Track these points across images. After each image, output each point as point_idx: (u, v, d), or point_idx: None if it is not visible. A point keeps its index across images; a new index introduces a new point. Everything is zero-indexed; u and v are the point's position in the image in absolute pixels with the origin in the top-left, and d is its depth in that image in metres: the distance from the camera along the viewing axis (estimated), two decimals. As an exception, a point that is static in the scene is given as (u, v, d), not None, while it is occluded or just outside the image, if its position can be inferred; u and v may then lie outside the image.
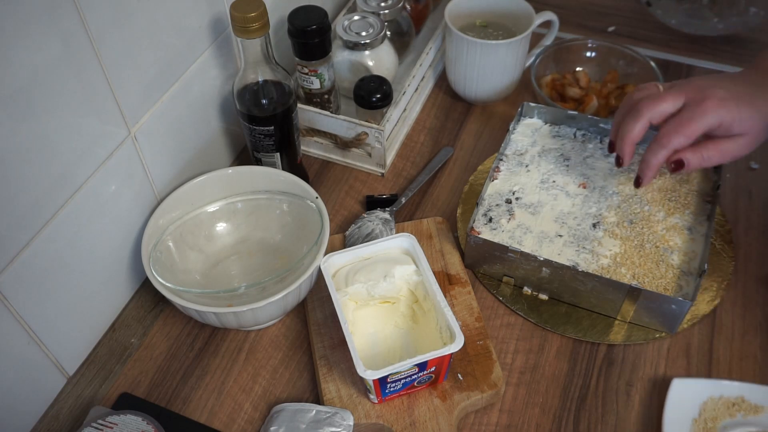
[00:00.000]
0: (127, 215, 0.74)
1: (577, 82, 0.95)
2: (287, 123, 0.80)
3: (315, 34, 0.82)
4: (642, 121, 0.70)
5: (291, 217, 0.80)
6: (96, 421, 0.63)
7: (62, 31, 0.59)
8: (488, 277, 0.79)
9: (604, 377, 0.72)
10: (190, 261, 0.78)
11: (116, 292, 0.77)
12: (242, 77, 0.77)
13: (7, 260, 0.61)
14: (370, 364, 0.63)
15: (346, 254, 0.72)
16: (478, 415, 0.70)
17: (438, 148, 0.93)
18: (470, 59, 0.92)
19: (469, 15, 0.97)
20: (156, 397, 0.71)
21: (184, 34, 0.75)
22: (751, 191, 0.87)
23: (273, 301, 0.67)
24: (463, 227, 0.83)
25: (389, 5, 0.95)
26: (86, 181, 0.67)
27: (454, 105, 0.99)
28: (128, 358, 0.74)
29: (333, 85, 0.90)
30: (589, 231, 0.77)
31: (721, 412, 0.67)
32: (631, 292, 0.70)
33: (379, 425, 0.67)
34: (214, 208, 0.80)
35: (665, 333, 0.74)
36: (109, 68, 0.65)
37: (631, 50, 0.95)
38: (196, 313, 0.69)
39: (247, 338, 0.76)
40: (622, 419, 0.69)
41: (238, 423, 0.69)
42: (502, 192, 0.81)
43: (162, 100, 0.75)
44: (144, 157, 0.74)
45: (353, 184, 0.90)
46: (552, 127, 0.88)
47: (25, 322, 0.64)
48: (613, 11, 1.12)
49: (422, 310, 0.71)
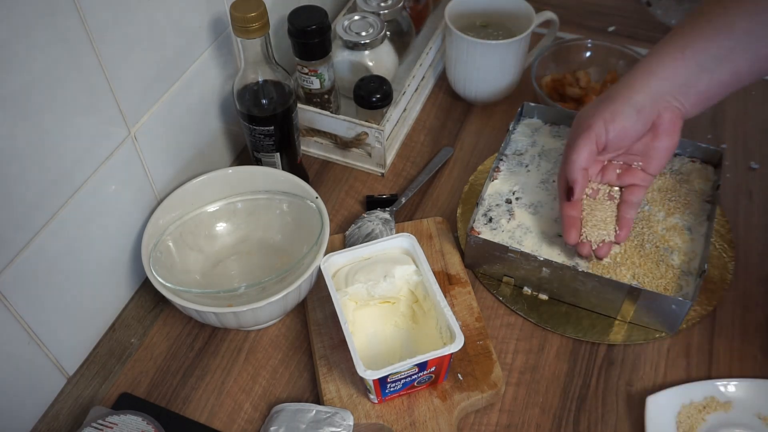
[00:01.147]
0: (127, 215, 0.74)
1: (577, 82, 0.95)
2: (287, 123, 0.80)
3: (315, 34, 0.82)
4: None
5: (291, 217, 0.80)
6: (96, 421, 0.63)
7: (62, 31, 0.59)
8: (488, 277, 0.79)
9: (604, 377, 0.72)
10: (190, 261, 0.78)
11: (116, 292, 0.77)
12: (242, 77, 0.77)
13: (7, 260, 0.61)
14: (370, 364, 0.63)
15: (346, 254, 0.72)
16: (478, 415, 0.70)
17: (438, 148, 0.93)
18: (470, 59, 0.92)
19: (469, 15, 0.97)
20: (156, 397, 0.71)
21: (184, 34, 0.75)
22: (751, 191, 0.86)
23: (273, 301, 0.67)
24: (463, 227, 0.83)
25: (389, 5, 0.95)
26: (86, 181, 0.67)
27: (454, 105, 0.99)
28: (128, 358, 0.74)
29: (333, 85, 0.90)
30: (589, 231, 0.77)
31: (695, 420, 0.67)
32: (631, 292, 0.70)
33: (379, 425, 0.67)
34: (214, 208, 0.80)
35: (665, 333, 0.74)
36: (109, 68, 0.65)
37: (631, 50, 0.95)
38: (196, 313, 0.69)
39: (247, 338, 0.76)
40: (622, 419, 0.69)
41: (238, 423, 0.69)
42: (502, 192, 0.81)
43: (162, 100, 0.75)
44: (144, 157, 0.74)
45: (353, 184, 0.90)
46: (552, 127, 0.88)
47: (25, 322, 0.64)
48: (613, 11, 1.12)
49: (422, 310, 0.71)
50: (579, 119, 0.71)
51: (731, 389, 0.68)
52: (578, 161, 0.70)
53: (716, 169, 0.82)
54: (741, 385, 0.68)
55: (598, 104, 0.70)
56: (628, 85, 0.69)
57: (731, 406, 0.67)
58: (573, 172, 0.70)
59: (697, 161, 0.83)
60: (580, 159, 0.70)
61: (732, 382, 0.68)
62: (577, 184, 0.71)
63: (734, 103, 0.96)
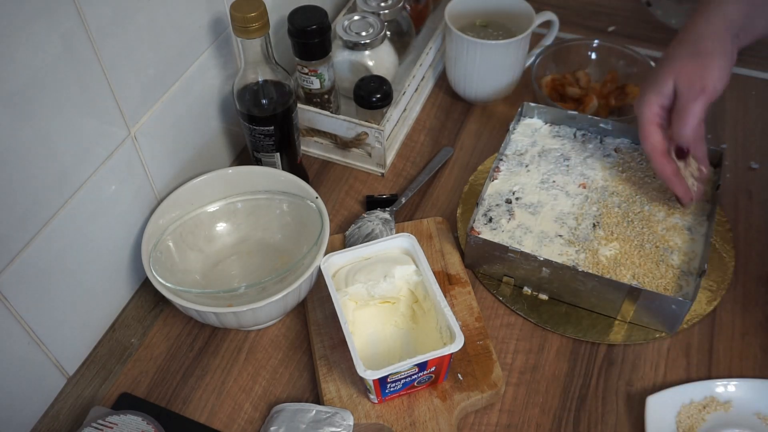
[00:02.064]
0: (127, 215, 0.74)
1: (577, 82, 0.95)
2: (287, 123, 0.80)
3: (315, 34, 0.82)
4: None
5: (291, 217, 0.80)
6: (96, 421, 0.63)
7: (62, 31, 0.59)
8: (488, 277, 0.79)
9: (604, 377, 0.72)
10: (190, 261, 0.78)
11: (116, 292, 0.77)
12: (242, 77, 0.77)
13: (7, 260, 0.61)
14: (370, 364, 0.63)
15: (346, 254, 0.72)
16: (478, 415, 0.70)
17: (438, 148, 0.93)
18: (470, 59, 0.92)
19: (469, 15, 0.97)
20: (156, 397, 0.71)
21: (184, 34, 0.75)
22: (751, 191, 0.86)
23: (273, 301, 0.67)
24: (463, 227, 0.83)
25: (389, 5, 0.95)
26: (86, 181, 0.67)
27: (454, 105, 0.99)
28: (128, 358, 0.74)
29: (333, 85, 0.90)
30: (589, 231, 0.77)
31: (695, 419, 0.67)
32: (631, 292, 0.70)
33: (379, 425, 0.67)
34: (214, 208, 0.80)
35: (665, 333, 0.74)
36: (109, 68, 0.65)
37: (631, 50, 0.95)
38: (196, 313, 0.69)
39: (247, 338, 0.76)
40: (622, 419, 0.69)
41: (238, 423, 0.69)
42: (502, 192, 0.81)
43: (162, 100, 0.75)
44: (144, 157, 0.74)
45: (353, 184, 0.90)
46: (552, 127, 0.88)
47: (25, 322, 0.64)
48: (613, 11, 1.12)
49: (422, 310, 0.71)
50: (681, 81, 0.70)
51: (731, 389, 0.68)
52: (696, 125, 0.70)
53: (716, 169, 0.82)
54: (741, 385, 0.68)
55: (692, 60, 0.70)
56: (711, 36, 0.70)
57: (731, 405, 0.67)
58: (692, 136, 0.71)
59: (697, 161, 0.83)
60: (696, 122, 0.70)
61: (732, 382, 0.68)
62: (694, 145, 0.72)
63: (734, 103, 0.96)
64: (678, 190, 0.75)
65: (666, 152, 0.73)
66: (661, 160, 0.73)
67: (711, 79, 0.69)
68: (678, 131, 0.71)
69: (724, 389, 0.68)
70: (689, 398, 0.68)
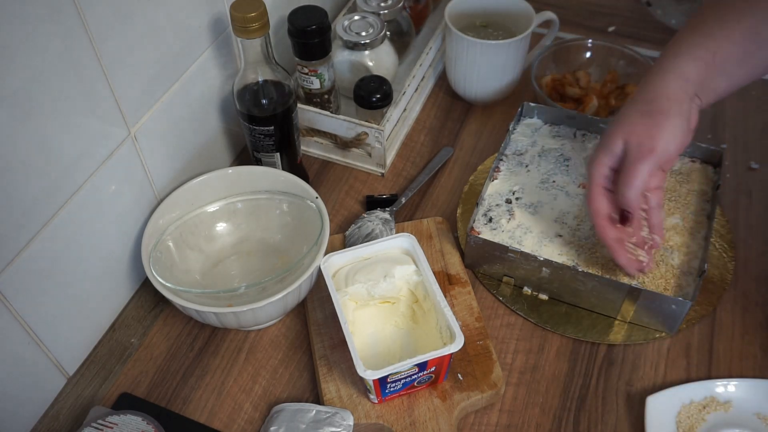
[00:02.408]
0: (127, 215, 0.74)
1: (577, 82, 0.95)
2: (287, 123, 0.80)
3: (315, 34, 0.82)
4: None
5: (291, 217, 0.80)
6: (96, 421, 0.63)
7: (62, 31, 0.59)
8: (488, 277, 0.79)
9: (604, 377, 0.72)
10: (190, 261, 0.78)
11: (116, 292, 0.77)
12: (242, 77, 0.77)
13: (7, 260, 0.61)
14: (370, 364, 0.63)
15: (346, 254, 0.72)
16: (478, 415, 0.70)
17: (438, 148, 0.93)
18: (470, 59, 0.92)
19: (469, 15, 0.97)
20: (156, 397, 0.71)
21: (184, 34, 0.75)
22: (751, 191, 0.86)
23: (273, 301, 0.67)
24: (463, 227, 0.83)
25: (389, 5, 0.95)
26: (86, 181, 0.67)
27: (454, 105, 0.99)
28: (128, 358, 0.74)
29: (333, 85, 0.90)
30: (589, 231, 0.77)
31: (695, 419, 0.67)
32: (631, 292, 0.70)
33: (379, 425, 0.67)
34: (214, 208, 0.80)
35: (665, 333, 0.74)
36: (109, 68, 0.65)
37: (631, 50, 0.95)
38: (196, 313, 0.69)
39: (247, 338, 0.76)
40: (622, 419, 0.69)
41: (238, 423, 0.69)
42: (502, 192, 0.81)
43: (162, 100, 0.75)
44: (144, 157, 0.74)
45: (353, 184, 0.90)
46: (552, 127, 0.88)
47: (25, 322, 0.64)
48: (613, 11, 1.12)
49: (422, 310, 0.71)
50: (630, 141, 0.67)
51: (731, 389, 0.68)
52: (640, 187, 0.66)
53: (716, 169, 0.82)
54: (741, 385, 0.68)
55: (644, 120, 0.66)
56: (667, 95, 0.66)
57: (731, 406, 0.67)
58: (635, 199, 0.67)
59: (697, 161, 0.83)
60: (640, 183, 0.66)
61: (732, 382, 0.68)
62: (637, 210, 0.68)
63: (734, 103, 0.96)
64: (618, 259, 0.69)
65: (608, 217, 0.69)
66: (602, 224, 0.69)
67: (662, 140, 0.65)
68: (621, 192, 0.67)
69: (724, 389, 0.68)
70: (689, 398, 0.68)
